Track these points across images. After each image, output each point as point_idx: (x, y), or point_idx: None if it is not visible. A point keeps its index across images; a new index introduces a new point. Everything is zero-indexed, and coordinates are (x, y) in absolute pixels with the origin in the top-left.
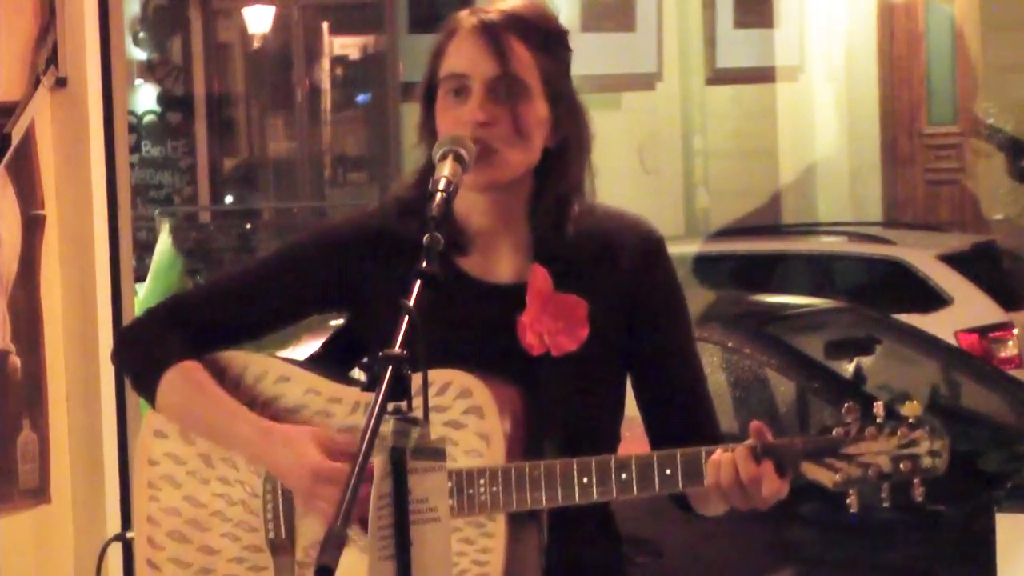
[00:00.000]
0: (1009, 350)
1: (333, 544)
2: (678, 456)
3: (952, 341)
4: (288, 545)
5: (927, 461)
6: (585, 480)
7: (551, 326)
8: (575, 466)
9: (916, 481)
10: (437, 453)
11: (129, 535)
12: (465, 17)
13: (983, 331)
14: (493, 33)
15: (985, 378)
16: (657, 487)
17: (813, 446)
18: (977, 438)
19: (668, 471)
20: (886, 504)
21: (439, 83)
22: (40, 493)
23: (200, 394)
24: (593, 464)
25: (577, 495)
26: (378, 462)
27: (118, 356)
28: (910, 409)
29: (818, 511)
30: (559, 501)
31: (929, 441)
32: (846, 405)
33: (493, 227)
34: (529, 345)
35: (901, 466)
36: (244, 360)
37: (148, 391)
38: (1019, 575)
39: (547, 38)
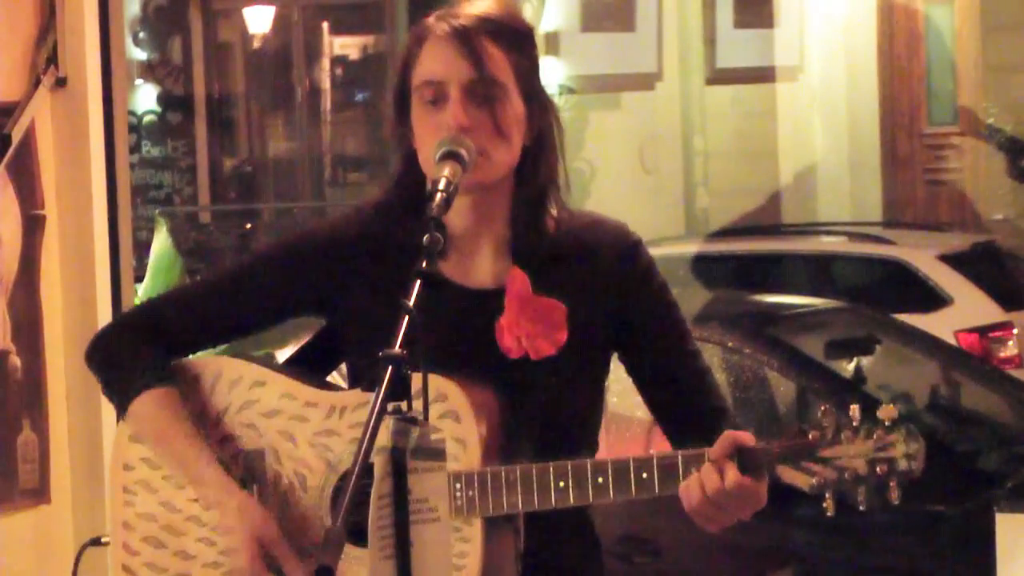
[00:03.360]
0: (1009, 350)
1: (333, 544)
2: (654, 460)
3: (952, 341)
4: None
5: (903, 464)
6: (561, 484)
7: (530, 330)
8: (551, 470)
9: (892, 484)
10: (437, 453)
11: (104, 540)
12: (434, 23)
13: (983, 331)
14: (466, 37)
15: (985, 378)
16: (634, 491)
17: (788, 450)
18: (977, 438)
19: (644, 475)
20: (862, 508)
21: (412, 91)
22: (40, 493)
23: (171, 427)
24: (569, 468)
25: (554, 499)
26: (378, 462)
27: (91, 361)
28: (886, 412)
29: (817, 511)
30: (535, 505)
31: (905, 444)
32: (822, 408)
33: (473, 229)
34: (507, 348)
35: (877, 469)
36: (218, 365)
37: (118, 404)
38: (1019, 575)
39: (517, 37)
